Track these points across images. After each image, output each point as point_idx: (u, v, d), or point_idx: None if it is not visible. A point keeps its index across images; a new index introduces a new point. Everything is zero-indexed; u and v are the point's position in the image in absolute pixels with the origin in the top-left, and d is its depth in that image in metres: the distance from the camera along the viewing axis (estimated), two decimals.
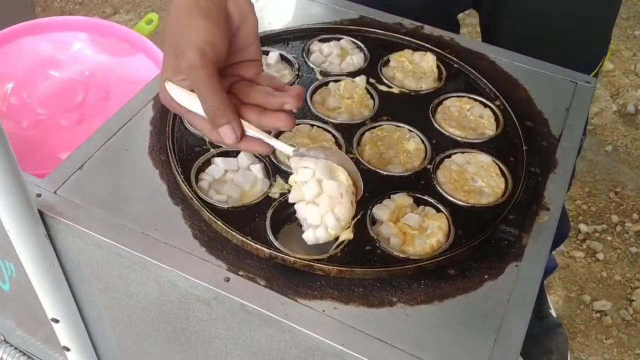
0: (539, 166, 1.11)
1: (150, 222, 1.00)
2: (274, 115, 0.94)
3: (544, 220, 1.04)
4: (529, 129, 1.19)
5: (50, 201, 1.02)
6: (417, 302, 0.93)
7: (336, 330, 0.88)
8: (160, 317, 1.03)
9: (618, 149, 2.86)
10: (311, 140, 1.14)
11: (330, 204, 0.93)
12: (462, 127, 1.19)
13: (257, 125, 0.94)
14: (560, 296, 2.35)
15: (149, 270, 0.96)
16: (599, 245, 2.49)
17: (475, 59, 1.34)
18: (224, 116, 0.90)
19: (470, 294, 0.94)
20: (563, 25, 1.47)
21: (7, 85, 1.80)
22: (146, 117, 1.17)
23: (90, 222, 0.99)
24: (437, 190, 1.08)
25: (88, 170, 1.07)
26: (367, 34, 1.38)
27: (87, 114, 1.75)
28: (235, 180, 1.08)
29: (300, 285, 0.93)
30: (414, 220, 1.02)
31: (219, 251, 0.97)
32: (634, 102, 3.04)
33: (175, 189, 1.05)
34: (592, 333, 2.25)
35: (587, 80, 1.29)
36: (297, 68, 1.29)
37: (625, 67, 3.25)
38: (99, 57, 1.91)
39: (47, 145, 1.67)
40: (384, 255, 0.98)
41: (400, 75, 1.29)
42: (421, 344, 0.88)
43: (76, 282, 1.08)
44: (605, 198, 2.67)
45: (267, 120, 0.94)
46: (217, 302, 0.93)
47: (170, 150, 1.09)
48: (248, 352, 0.98)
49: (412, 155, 1.13)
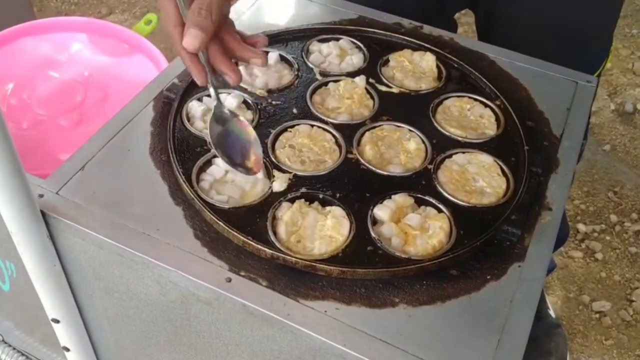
0: (540, 166, 1.11)
1: (152, 222, 1.00)
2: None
3: (546, 220, 1.04)
4: (530, 128, 1.19)
5: (52, 201, 1.01)
6: (419, 302, 0.93)
7: (338, 330, 0.88)
8: (160, 318, 1.03)
9: (616, 148, 2.86)
10: (311, 140, 1.14)
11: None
12: (463, 127, 1.18)
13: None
14: (559, 296, 2.35)
15: (150, 270, 0.96)
16: (598, 245, 2.49)
17: (475, 59, 1.34)
18: (200, 21, 0.99)
19: (473, 294, 0.94)
20: (561, 26, 1.47)
21: (7, 85, 1.80)
22: (147, 117, 1.17)
23: (91, 222, 0.99)
24: (437, 190, 1.08)
25: (89, 171, 1.07)
26: (366, 33, 1.38)
27: (86, 115, 1.75)
28: (235, 181, 1.08)
29: (302, 285, 0.93)
30: (415, 220, 1.02)
31: (220, 251, 0.97)
32: (632, 101, 3.04)
33: (176, 189, 1.05)
34: (591, 334, 2.24)
35: (588, 79, 1.29)
36: (297, 68, 1.29)
37: (623, 65, 3.25)
38: (97, 58, 1.91)
39: (47, 145, 1.67)
40: (386, 256, 0.98)
41: (399, 75, 1.29)
42: (424, 344, 0.88)
43: (77, 282, 1.08)
44: (603, 197, 2.67)
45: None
46: (218, 302, 0.93)
47: (171, 150, 1.09)
48: (249, 353, 0.98)
49: (412, 155, 1.13)
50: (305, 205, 1.03)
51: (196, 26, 0.99)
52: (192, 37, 0.99)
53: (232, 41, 1.08)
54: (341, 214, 1.02)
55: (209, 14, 0.99)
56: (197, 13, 0.99)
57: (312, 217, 1.01)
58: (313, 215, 1.01)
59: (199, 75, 1.05)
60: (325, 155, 1.12)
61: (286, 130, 1.16)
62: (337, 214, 1.02)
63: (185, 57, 1.04)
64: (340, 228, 1.00)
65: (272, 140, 1.14)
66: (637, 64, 3.25)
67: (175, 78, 1.22)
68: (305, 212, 1.02)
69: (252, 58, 1.08)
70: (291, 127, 1.16)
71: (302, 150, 1.12)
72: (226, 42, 1.07)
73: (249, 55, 1.08)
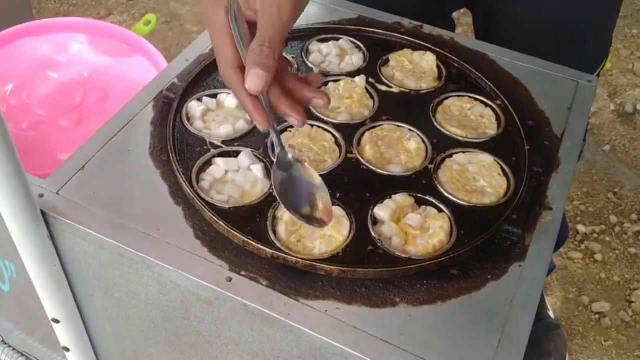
0: (541, 165, 1.11)
1: (152, 222, 1.00)
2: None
3: (546, 219, 1.04)
4: (531, 128, 1.18)
5: (52, 201, 1.01)
6: (420, 302, 0.93)
7: (338, 330, 0.88)
8: (160, 317, 1.03)
9: (616, 149, 2.86)
10: (311, 140, 1.14)
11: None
12: (463, 127, 1.18)
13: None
14: (558, 297, 2.34)
15: (150, 270, 0.96)
16: (597, 246, 2.48)
17: (475, 58, 1.34)
18: (262, 60, 0.91)
19: (473, 294, 0.94)
20: (560, 26, 1.46)
21: (6, 86, 1.80)
22: (147, 117, 1.17)
23: (92, 222, 0.99)
24: (438, 190, 1.08)
25: (89, 171, 1.07)
26: (366, 33, 1.38)
27: (85, 115, 1.75)
28: (235, 180, 1.07)
29: (302, 285, 0.93)
30: (415, 220, 1.02)
31: (221, 251, 0.97)
32: (632, 101, 3.04)
33: (177, 189, 1.05)
34: (591, 335, 2.24)
35: (589, 79, 1.29)
36: (296, 68, 1.28)
37: (623, 66, 3.25)
38: (97, 58, 1.91)
39: (46, 145, 1.67)
40: (386, 255, 0.98)
41: (399, 75, 1.28)
42: (424, 344, 0.87)
43: (77, 282, 1.08)
44: (603, 198, 2.67)
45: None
46: (219, 302, 0.93)
47: (171, 150, 1.09)
48: (249, 352, 0.97)
49: (412, 154, 1.13)
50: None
51: (258, 66, 0.91)
52: (256, 78, 0.91)
53: (291, 81, 1.00)
54: (341, 214, 1.02)
55: (271, 52, 0.92)
56: (259, 51, 0.91)
57: None
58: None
59: (263, 120, 0.96)
60: (325, 155, 1.12)
61: (286, 130, 1.16)
62: (337, 214, 1.01)
63: (247, 100, 0.95)
64: (341, 228, 1.00)
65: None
66: (637, 64, 3.25)
67: (175, 78, 1.22)
68: None
69: (313, 99, 1.00)
70: (291, 127, 1.16)
71: (302, 150, 1.12)
72: (285, 81, 0.99)
73: (310, 96, 1.00)
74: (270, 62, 0.91)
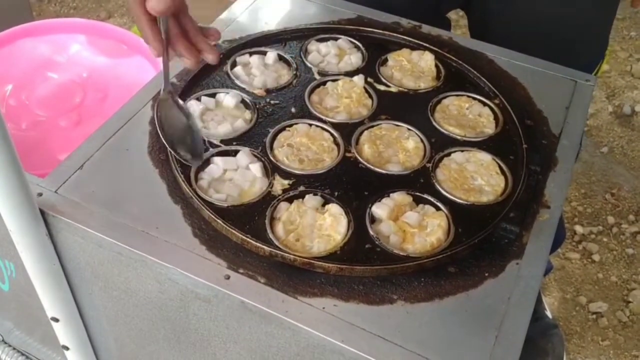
0: (539, 164, 1.11)
1: (150, 221, 1.00)
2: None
3: (544, 218, 1.04)
4: (529, 127, 1.19)
5: (51, 200, 1.02)
6: (417, 299, 0.93)
7: (336, 327, 0.88)
8: (159, 315, 1.03)
9: (614, 150, 2.86)
10: (309, 139, 1.14)
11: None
12: (461, 126, 1.19)
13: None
14: (556, 297, 2.35)
15: (149, 268, 0.96)
16: (595, 247, 2.49)
17: (473, 58, 1.34)
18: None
19: (471, 291, 0.95)
20: (555, 27, 1.47)
21: (6, 86, 1.80)
22: (145, 117, 1.17)
23: (90, 221, 0.99)
24: (436, 189, 1.08)
25: (88, 170, 1.08)
26: (365, 33, 1.39)
27: (85, 115, 1.75)
28: (234, 179, 1.08)
29: (300, 282, 0.93)
30: (413, 218, 1.02)
31: (219, 249, 0.97)
32: (630, 103, 3.04)
33: (175, 187, 1.05)
34: (588, 334, 2.24)
35: (587, 78, 1.30)
36: (295, 68, 1.29)
37: (621, 67, 3.26)
38: (96, 59, 1.91)
39: (46, 146, 1.67)
40: (384, 253, 0.98)
41: (398, 74, 1.29)
42: (422, 341, 0.88)
43: (76, 281, 1.08)
44: (600, 199, 2.67)
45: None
46: (217, 300, 0.93)
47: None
48: (247, 350, 0.98)
49: (410, 153, 1.14)
50: (303, 204, 1.03)
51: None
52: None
53: (190, 27, 1.09)
54: (339, 212, 1.02)
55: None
56: None
57: (311, 216, 1.01)
58: (311, 214, 1.02)
59: (158, 45, 1.05)
60: (323, 154, 1.12)
61: (284, 129, 1.16)
62: (335, 212, 1.02)
63: (146, 25, 1.04)
64: (338, 226, 1.00)
65: (270, 139, 1.14)
66: (635, 66, 3.25)
67: (173, 78, 1.22)
68: (304, 210, 1.02)
69: (204, 52, 1.11)
70: (289, 126, 1.16)
71: (301, 149, 1.13)
72: (184, 25, 1.08)
73: (203, 47, 1.10)
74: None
